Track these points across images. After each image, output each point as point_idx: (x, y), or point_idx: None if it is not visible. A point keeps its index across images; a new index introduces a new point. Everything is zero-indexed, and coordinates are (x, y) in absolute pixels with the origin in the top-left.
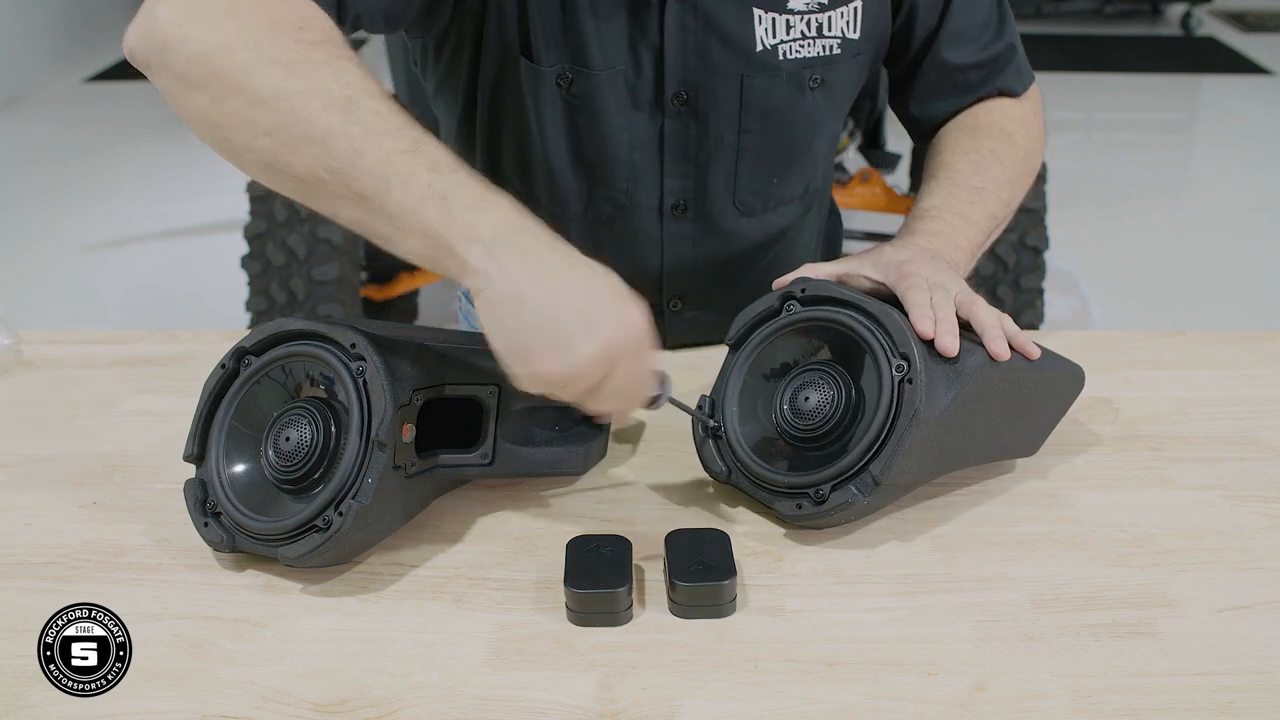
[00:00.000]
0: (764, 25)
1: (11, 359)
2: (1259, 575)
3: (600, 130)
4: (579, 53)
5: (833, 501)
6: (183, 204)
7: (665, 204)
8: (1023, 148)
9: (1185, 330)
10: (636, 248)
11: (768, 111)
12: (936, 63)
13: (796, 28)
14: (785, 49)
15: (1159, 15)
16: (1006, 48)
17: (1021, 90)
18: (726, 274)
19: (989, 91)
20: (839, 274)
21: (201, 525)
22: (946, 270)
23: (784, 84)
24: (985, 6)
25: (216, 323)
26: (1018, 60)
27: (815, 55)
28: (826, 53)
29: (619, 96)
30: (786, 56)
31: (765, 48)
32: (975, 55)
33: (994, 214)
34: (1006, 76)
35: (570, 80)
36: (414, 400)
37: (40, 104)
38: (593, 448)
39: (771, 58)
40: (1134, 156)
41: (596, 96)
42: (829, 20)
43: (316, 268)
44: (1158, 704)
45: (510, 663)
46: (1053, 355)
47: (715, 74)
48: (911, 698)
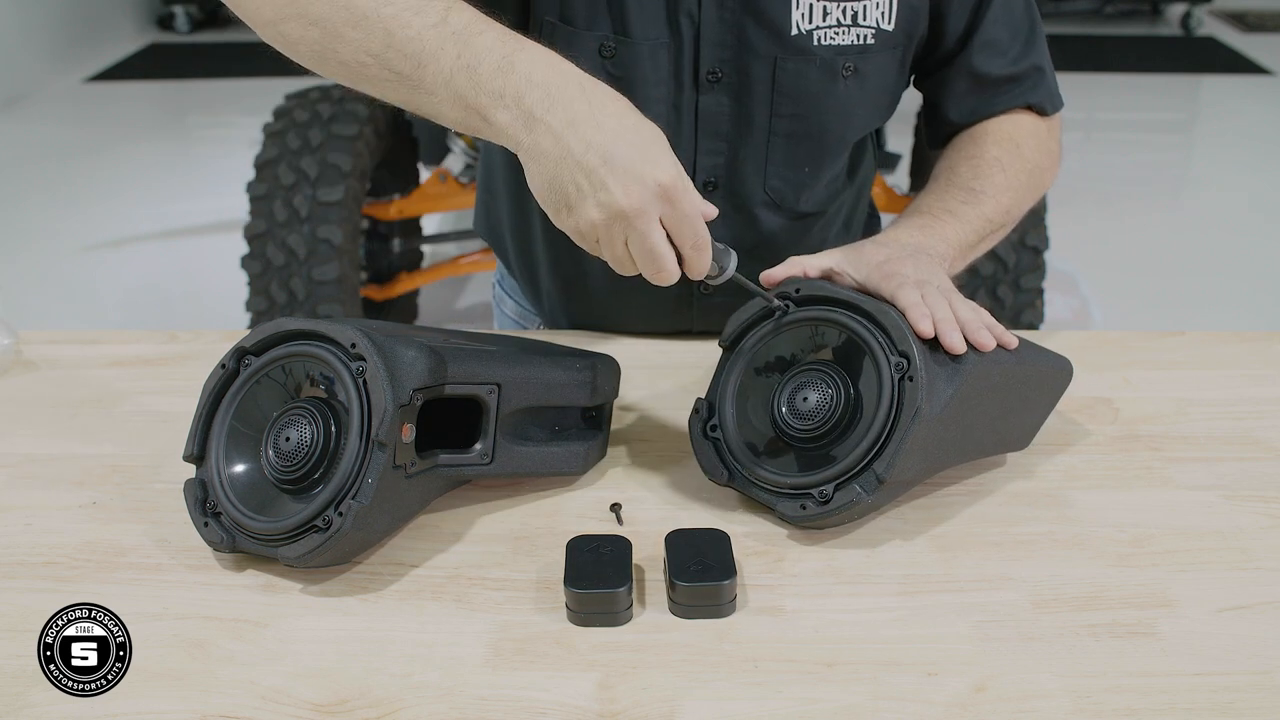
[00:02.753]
0: (800, 9)
1: (11, 359)
2: (1259, 575)
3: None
4: (621, 21)
5: (837, 501)
6: (183, 204)
7: (697, 181)
8: (1030, 160)
9: (1185, 330)
10: None
11: (800, 96)
12: (966, 70)
13: (833, 14)
14: (820, 34)
15: (1159, 15)
16: (1033, 68)
17: (1050, 111)
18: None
19: (1014, 104)
20: (824, 269)
21: (201, 525)
22: (928, 265)
23: (817, 69)
24: (1019, 20)
25: (216, 323)
26: (1048, 83)
27: (849, 43)
28: (860, 41)
29: (659, 70)
30: (821, 42)
31: (800, 32)
32: (1005, 68)
33: (990, 218)
34: (1038, 94)
35: (614, 50)
36: (414, 400)
37: (40, 104)
38: (593, 448)
39: (806, 42)
40: (1134, 156)
41: (637, 67)
42: (864, 9)
43: (316, 268)
44: (1158, 704)
45: (510, 663)
46: (1041, 349)
47: (750, 54)
48: (911, 698)
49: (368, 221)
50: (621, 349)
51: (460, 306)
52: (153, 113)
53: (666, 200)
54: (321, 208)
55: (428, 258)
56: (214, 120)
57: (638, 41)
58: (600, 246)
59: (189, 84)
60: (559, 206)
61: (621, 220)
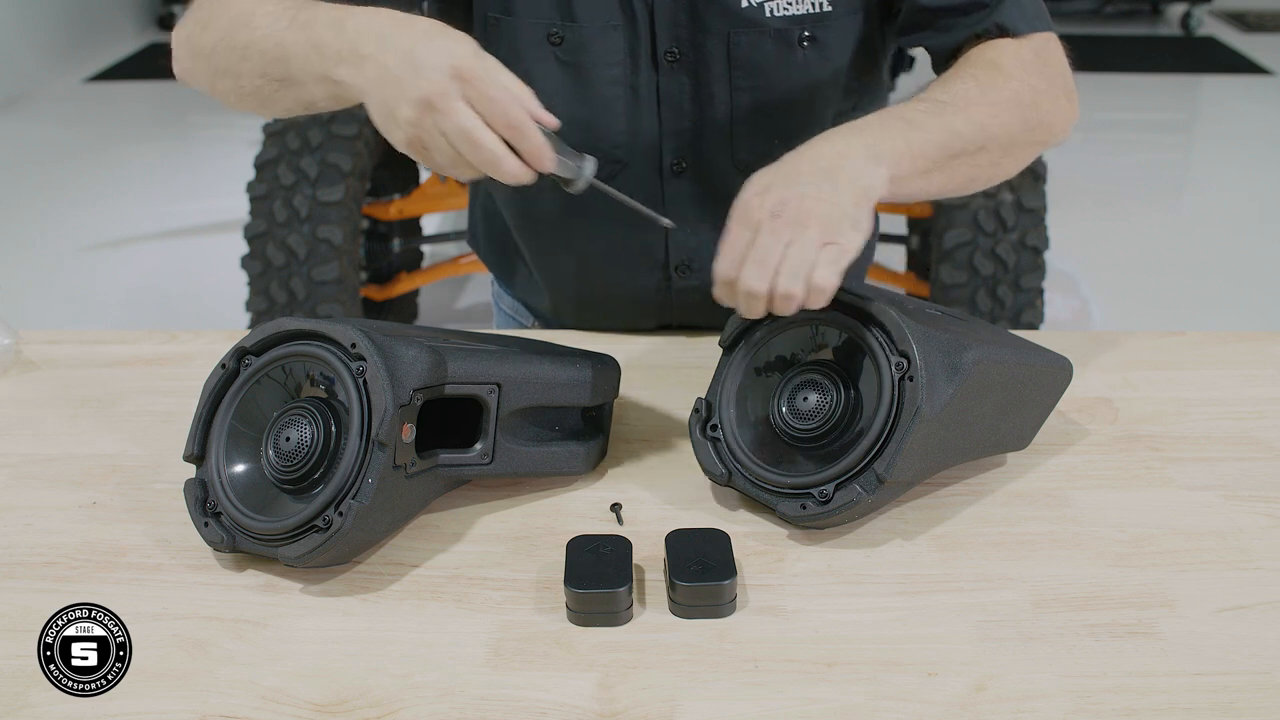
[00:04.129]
0: None
1: (11, 359)
2: (1259, 575)
3: (596, 87)
4: (567, 6)
5: (838, 501)
6: (183, 204)
7: (665, 162)
8: (1016, 80)
9: (1185, 330)
10: None
11: (756, 69)
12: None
13: None
14: (772, 6)
15: (1159, 15)
16: None
17: (1023, 29)
18: None
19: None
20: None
21: (202, 525)
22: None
23: (771, 41)
24: None
25: (216, 323)
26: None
27: (804, 12)
28: (817, 9)
29: (614, 51)
30: (774, 14)
31: (751, 4)
32: None
33: (958, 131)
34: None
35: (562, 38)
36: (414, 400)
37: (40, 104)
38: (593, 448)
39: (758, 14)
40: (1134, 156)
41: (588, 51)
42: None
43: (316, 268)
44: (1158, 704)
45: (510, 663)
46: (1041, 349)
47: (703, 31)
48: (911, 698)
49: (368, 221)
50: (622, 349)
51: (460, 306)
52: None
53: (462, 79)
54: (321, 208)
55: (428, 258)
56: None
57: (586, 24)
58: (429, 153)
59: None
60: (389, 125)
61: (428, 110)
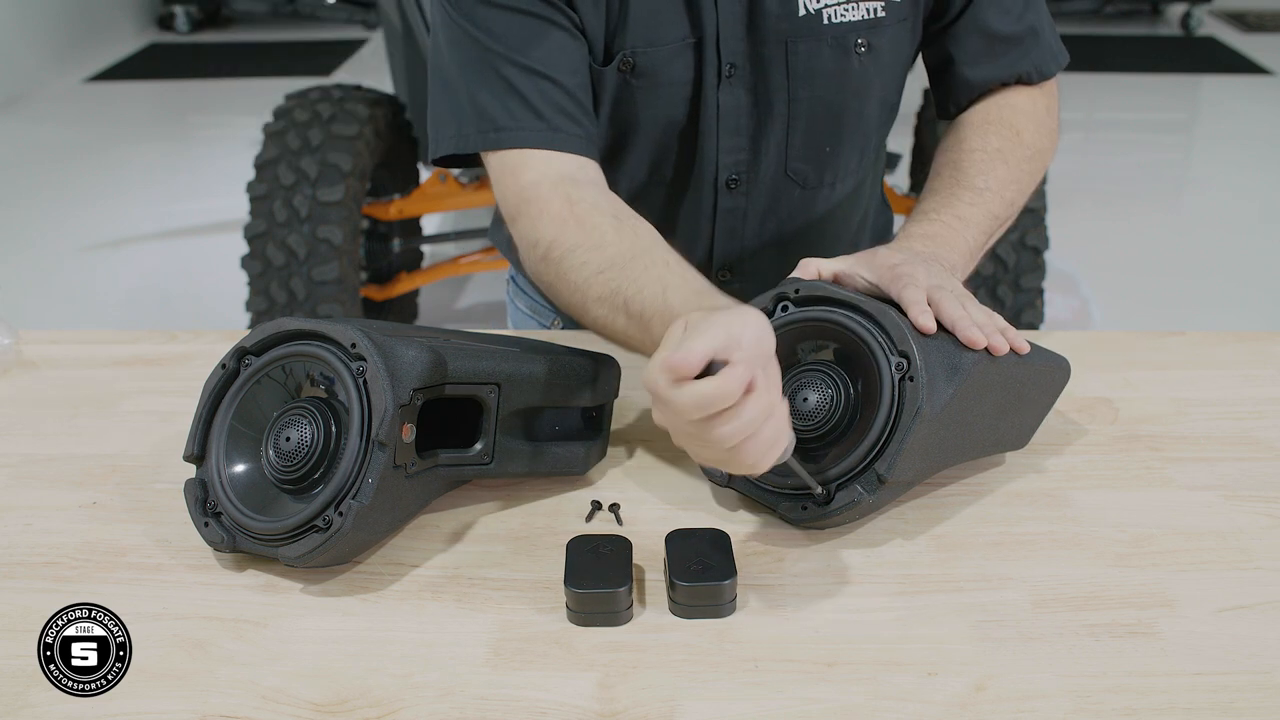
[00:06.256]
0: None
1: (11, 359)
2: (1259, 575)
3: (659, 105)
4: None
5: (838, 501)
6: (183, 204)
7: (720, 178)
8: (1031, 145)
9: (1185, 330)
10: (690, 220)
11: (814, 77)
12: (976, 26)
13: None
14: (829, 13)
15: (1159, 15)
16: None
17: (1051, 69)
18: (776, 247)
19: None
20: (836, 272)
21: (202, 525)
22: (941, 272)
23: (829, 48)
24: None
25: (216, 323)
26: (1047, 39)
27: (860, 19)
28: (871, 16)
29: (684, 70)
30: (831, 20)
31: (809, 12)
32: (1010, 26)
33: (996, 214)
34: (1041, 53)
35: (633, 64)
36: (414, 400)
37: (40, 104)
38: (593, 448)
39: (815, 22)
40: (1134, 156)
41: (661, 72)
42: None
43: (316, 268)
44: (1158, 704)
45: (510, 663)
46: (1040, 349)
47: (762, 42)
48: (911, 698)
49: (368, 221)
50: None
51: (460, 306)
52: (153, 113)
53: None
54: (321, 208)
55: (428, 258)
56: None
57: (659, 46)
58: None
59: (189, 84)
60: None
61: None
